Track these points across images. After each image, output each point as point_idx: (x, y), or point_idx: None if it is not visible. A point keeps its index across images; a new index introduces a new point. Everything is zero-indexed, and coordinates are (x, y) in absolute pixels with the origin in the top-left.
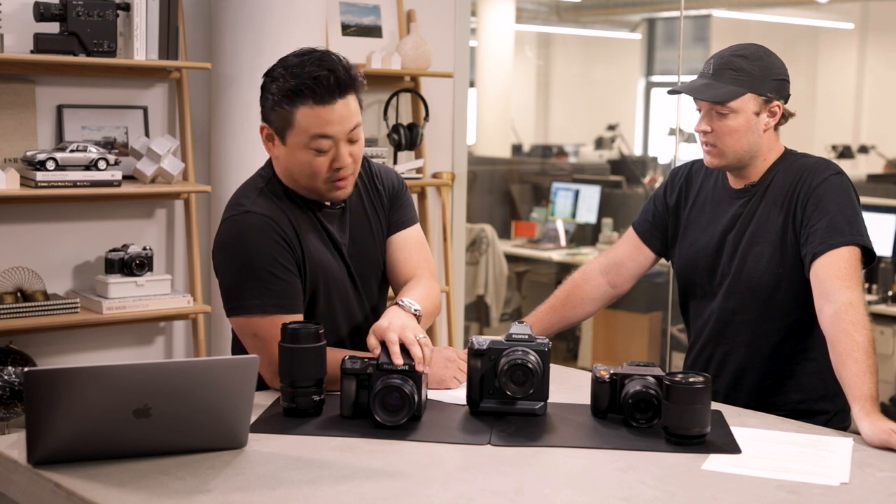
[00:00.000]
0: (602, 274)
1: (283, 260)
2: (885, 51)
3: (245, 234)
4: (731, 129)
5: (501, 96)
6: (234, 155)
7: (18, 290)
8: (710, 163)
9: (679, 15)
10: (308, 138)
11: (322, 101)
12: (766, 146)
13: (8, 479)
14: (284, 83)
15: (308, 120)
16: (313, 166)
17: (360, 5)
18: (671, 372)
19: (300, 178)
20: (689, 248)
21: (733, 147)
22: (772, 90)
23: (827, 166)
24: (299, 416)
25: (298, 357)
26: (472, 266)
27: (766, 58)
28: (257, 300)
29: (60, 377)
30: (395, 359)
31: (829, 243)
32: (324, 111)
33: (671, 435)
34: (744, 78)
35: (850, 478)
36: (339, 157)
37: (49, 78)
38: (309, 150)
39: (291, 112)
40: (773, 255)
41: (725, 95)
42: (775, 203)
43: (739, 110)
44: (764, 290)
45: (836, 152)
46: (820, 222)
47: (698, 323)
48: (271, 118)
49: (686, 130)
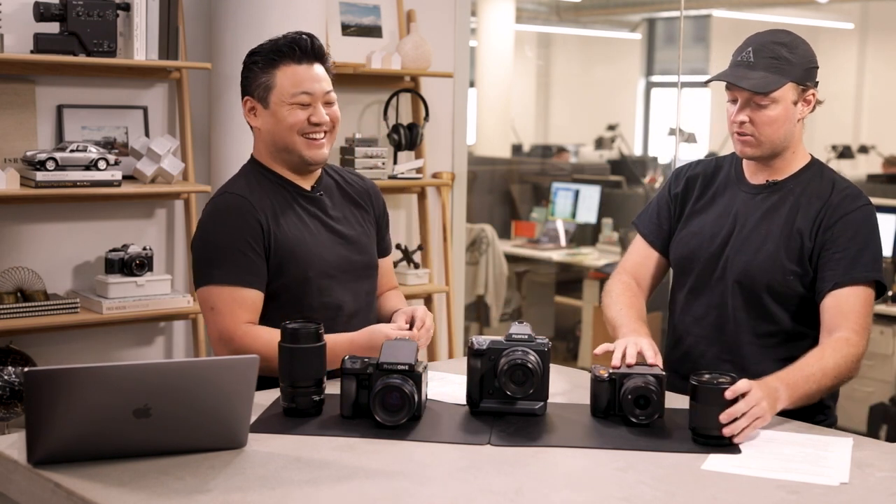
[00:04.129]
0: (636, 284)
1: (249, 237)
2: (885, 51)
3: (217, 212)
4: (770, 119)
5: (501, 96)
6: (234, 155)
7: (18, 290)
8: (744, 152)
9: (679, 15)
10: (290, 95)
11: (301, 60)
12: (797, 136)
13: (8, 479)
14: (265, 54)
15: (289, 78)
16: (292, 120)
17: (360, 5)
18: (698, 372)
19: (280, 137)
20: (693, 238)
21: (771, 137)
22: (809, 78)
23: (861, 193)
24: (299, 416)
25: (298, 357)
26: (472, 266)
27: (802, 45)
28: (218, 271)
29: (60, 377)
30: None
31: (853, 276)
32: (302, 69)
33: (699, 436)
34: (784, 66)
35: (850, 478)
36: (316, 112)
37: (49, 78)
38: (290, 105)
39: (273, 75)
40: (788, 256)
41: (770, 85)
42: (801, 207)
43: (780, 100)
44: (771, 289)
45: (836, 152)
46: (847, 251)
47: (688, 318)
48: (253, 88)
49: (686, 130)
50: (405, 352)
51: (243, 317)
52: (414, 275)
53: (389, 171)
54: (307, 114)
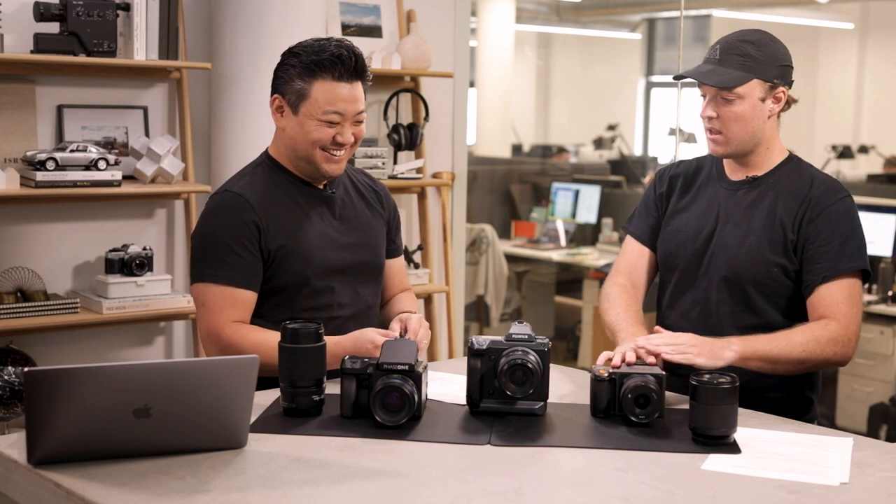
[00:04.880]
0: (632, 286)
1: (243, 237)
2: (885, 51)
3: (216, 210)
4: (736, 115)
5: (501, 96)
6: (234, 155)
7: (18, 290)
8: (715, 150)
9: (679, 15)
10: (321, 111)
11: (340, 78)
12: (769, 133)
13: (8, 479)
14: (307, 57)
15: (324, 94)
16: (319, 135)
17: (360, 5)
18: (698, 371)
19: (302, 146)
20: (677, 235)
21: (738, 133)
22: (777, 76)
23: (840, 185)
24: (299, 416)
25: (298, 357)
26: (472, 266)
27: (772, 43)
28: (211, 270)
29: (60, 377)
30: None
31: (838, 268)
32: (340, 87)
33: (699, 436)
34: (750, 63)
35: (850, 478)
36: (343, 133)
37: (49, 78)
38: (319, 122)
39: (310, 84)
40: (771, 250)
41: (732, 81)
42: (781, 201)
43: (745, 96)
44: (756, 283)
45: (836, 152)
46: (832, 243)
47: (674, 313)
48: (286, 90)
49: (686, 130)
50: (405, 352)
51: (233, 315)
52: (414, 275)
53: (389, 171)
54: (334, 132)
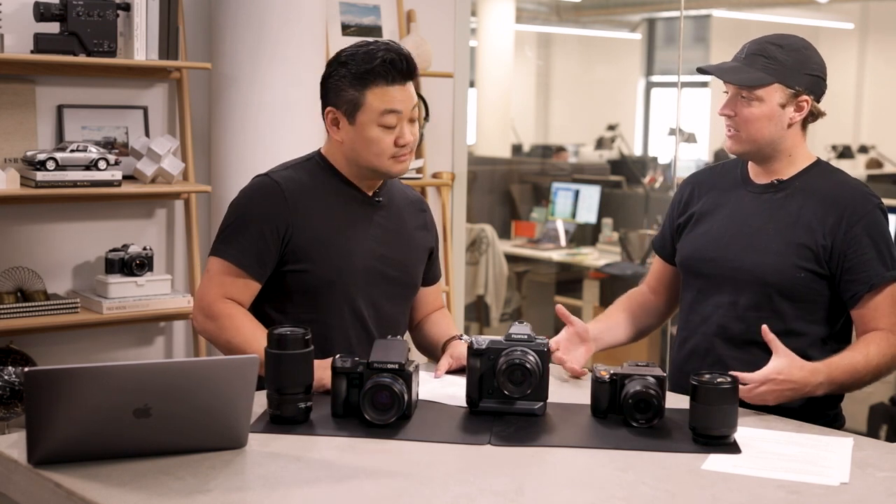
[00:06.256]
0: (649, 293)
1: (265, 224)
2: (885, 51)
3: (250, 191)
4: (753, 116)
5: (501, 96)
6: (234, 155)
7: (18, 290)
8: (730, 148)
9: (679, 15)
10: (378, 115)
11: (394, 81)
12: (790, 141)
13: (8, 479)
14: (357, 67)
15: (379, 99)
16: (381, 143)
17: (360, 5)
18: (699, 372)
19: (365, 156)
20: (699, 239)
21: (753, 135)
22: (802, 84)
23: (871, 191)
24: (285, 424)
25: (285, 363)
26: (472, 266)
27: (804, 51)
28: (226, 246)
29: (60, 377)
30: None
31: (883, 276)
32: (394, 90)
33: (699, 436)
34: (775, 67)
35: (850, 478)
36: (402, 133)
37: (49, 78)
38: (378, 126)
39: (363, 94)
40: (798, 254)
41: (752, 81)
42: (810, 204)
43: (765, 99)
44: (782, 287)
45: (836, 152)
46: (871, 252)
47: (696, 317)
48: (338, 102)
49: (686, 130)
50: (396, 351)
51: (230, 292)
52: None
53: None
54: (394, 136)
